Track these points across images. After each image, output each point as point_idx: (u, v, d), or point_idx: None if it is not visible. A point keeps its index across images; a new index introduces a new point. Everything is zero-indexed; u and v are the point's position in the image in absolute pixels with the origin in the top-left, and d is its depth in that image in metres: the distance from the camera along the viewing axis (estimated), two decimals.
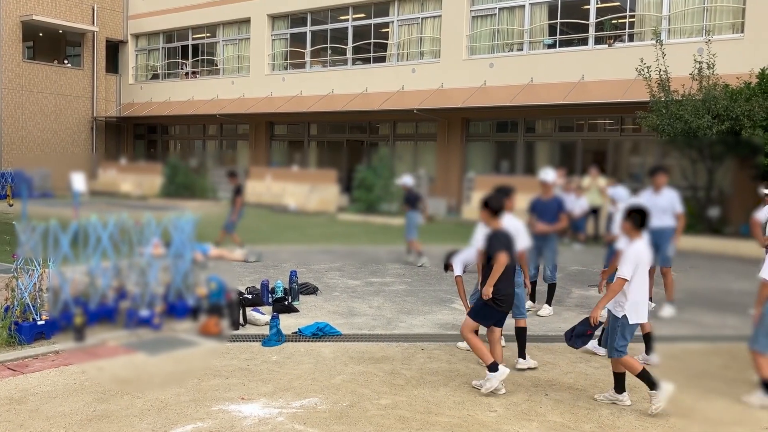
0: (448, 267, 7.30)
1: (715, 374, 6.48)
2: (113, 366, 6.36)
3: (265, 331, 7.39)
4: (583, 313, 8.91)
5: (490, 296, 5.84)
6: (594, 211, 16.37)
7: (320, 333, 7.43)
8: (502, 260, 5.80)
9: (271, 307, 8.47)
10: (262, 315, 7.92)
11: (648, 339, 6.73)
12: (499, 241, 5.91)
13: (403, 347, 7.20)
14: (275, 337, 7.16)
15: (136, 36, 31.83)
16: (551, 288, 8.87)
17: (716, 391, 6.00)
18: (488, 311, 5.98)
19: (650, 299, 8.98)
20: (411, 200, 12.57)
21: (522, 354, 6.60)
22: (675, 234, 8.58)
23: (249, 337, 7.37)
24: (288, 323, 7.75)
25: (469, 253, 7.19)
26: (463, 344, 7.16)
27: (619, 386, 5.72)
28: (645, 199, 8.73)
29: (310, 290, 9.61)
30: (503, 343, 7.07)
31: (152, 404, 5.38)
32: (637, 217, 5.55)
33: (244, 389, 5.78)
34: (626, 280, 5.45)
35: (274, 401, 5.52)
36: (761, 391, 5.75)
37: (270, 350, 6.95)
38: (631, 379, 6.24)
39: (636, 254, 5.50)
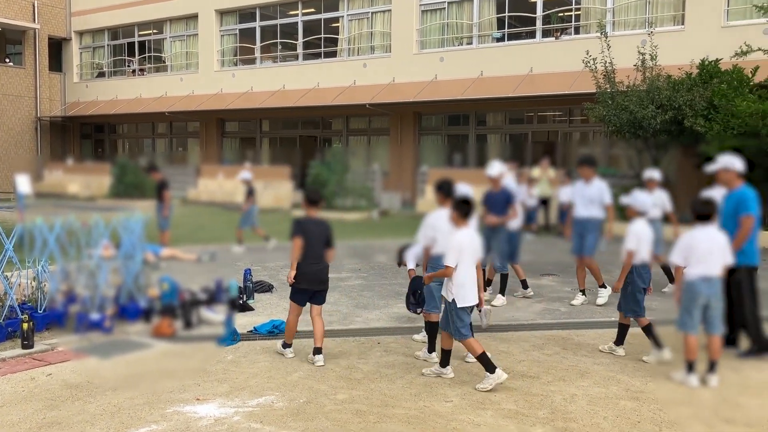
0: (401, 263, 7.34)
1: None
2: (63, 371, 6.22)
3: (220, 330, 7.32)
4: (535, 302, 9.11)
5: (292, 280, 6.38)
6: (544, 202, 16.70)
7: (276, 331, 7.40)
8: (296, 244, 6.30)
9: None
10: (216, 314, 7.84)
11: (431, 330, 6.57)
12: (298, 227, 6.34)
13: (359, 342, 7.22)
14: (230, 336, 7.11)
15: (80, 33, 31.02)
16: (504, 278, 9.01)
17: (664, 374, 6.19)
18: (297, 293, 6.50)
19: (526, 287, 9.28)
20: (251, 192, 13.72)
21: (431, 348, 6.57)
22: (605, 225, 8.78)
23: (204, 337, 7.29)
24: (243, 322, 7.70)
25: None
26: (418, 336, 7.22)
27: (445, 361, 6.08)
28: (576, 189, 8.96)
29: (265, 288, 9.56)
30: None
31: (105, 408, 5.29)
32: (464, 208, 5.82)
33: (200, 390, 5.73)
34: (451, 267, 5.75)
35: (230, 401, 5.49)
36: (685, 370, 5.99)
37: (225, 350, 6.90)
38: (583, 365, 6.39)
39: (459, 243, 5.78)
